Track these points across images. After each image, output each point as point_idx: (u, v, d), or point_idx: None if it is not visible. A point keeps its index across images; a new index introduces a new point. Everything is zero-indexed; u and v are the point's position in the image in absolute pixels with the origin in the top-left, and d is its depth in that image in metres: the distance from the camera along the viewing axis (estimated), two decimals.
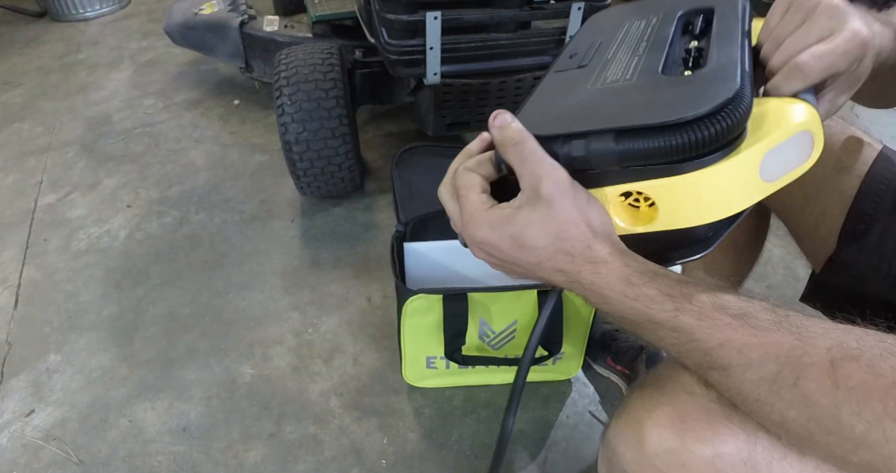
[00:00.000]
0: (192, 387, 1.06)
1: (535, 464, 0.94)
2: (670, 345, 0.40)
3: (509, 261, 0.44)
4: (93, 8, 2.55)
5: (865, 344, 0.34)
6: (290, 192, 1.51)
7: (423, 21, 1.07)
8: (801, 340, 0.36)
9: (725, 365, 0.37)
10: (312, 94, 1.24)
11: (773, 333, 0.36)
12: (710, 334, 0.38)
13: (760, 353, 0.36)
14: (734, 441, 0.40)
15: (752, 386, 0.36)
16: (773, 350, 0.36)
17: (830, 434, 0.34)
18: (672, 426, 0.42)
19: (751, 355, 0.36)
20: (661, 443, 0.42)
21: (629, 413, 0.46)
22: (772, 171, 0.41)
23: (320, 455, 0.96)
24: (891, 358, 0.33)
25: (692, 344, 0.38)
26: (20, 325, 1.19)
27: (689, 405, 0.42)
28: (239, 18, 1.65)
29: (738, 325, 0.37)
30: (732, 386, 0.38)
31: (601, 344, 1.06)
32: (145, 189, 1.55)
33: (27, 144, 1.74)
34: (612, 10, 0.65)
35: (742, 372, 0.37)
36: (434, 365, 1.00)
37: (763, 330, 0.37)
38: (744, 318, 0.37)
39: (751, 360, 0.36)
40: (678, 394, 0.43)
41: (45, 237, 1.41)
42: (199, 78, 2.08)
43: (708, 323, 0.38)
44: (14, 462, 0.96)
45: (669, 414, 0.43)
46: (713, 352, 0.38)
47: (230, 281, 1.27)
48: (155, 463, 0.95)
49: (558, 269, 0.42)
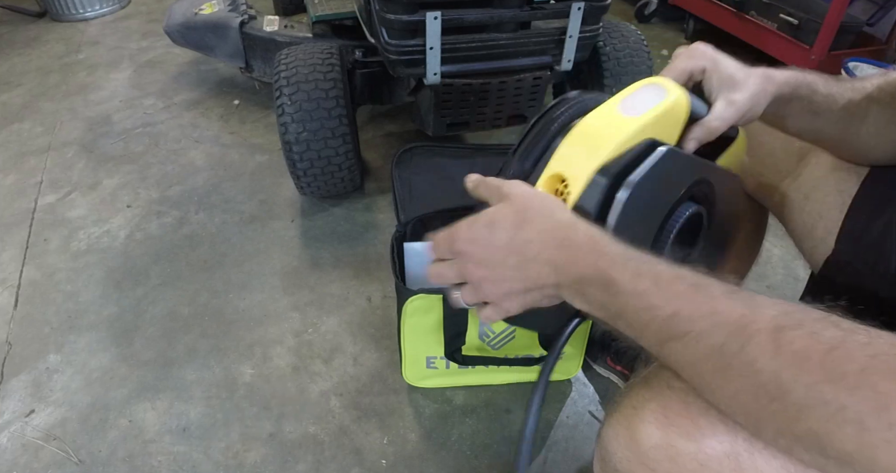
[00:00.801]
0: (191, 387, 1.06)
1: (535, 464, 0.94)
2: (630, 315, 0.41)
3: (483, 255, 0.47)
4: (93, 8, 2.55)
5: (809, 315, 0.36)
6: (290, 192, 1.51)
7: (423, 21, 1.07)
8: (748, 308, 0.37)
9: (681, 334, 0.38)
10: (312, 94, 1.24)
11: (723, 301, 0.38)
12: (665, 301, 0.39)
13: (710, 322, 0.37)
14: (715, 434, 0.40)
15: (704, 357, 0.37)
16: (722, 318, 0.37)
17: (774, 400, 0.35)
18: (657, 421, 0.42)
19: (702, 324, 0.38)
20: (648, 440, 0.42)
21: (620, 412, 0.46)
22: (632, 109, 0.52)
23: (320, 455, 0.96)
24: (832, 327, 0.34)
25: (650, 311, 0.40)
26: (20, 325, 1.19)
27: (670, 399, 0.43)
28: (239, 18, 1.65)
29: (692, 293, 0.39)
30: (688, 358, 0.39)
31: (601, 344, 1.06)
32: (145, 189, 1.55)
33: (27, 144, 1.75)
34: None
35: (695, 342, 0.38)
36: (434, 365, 1.00)
37: (714, 298, 0.38)
38: (697, 287, 0.39)
39: (702, 330, 0.37)
40: (662, 389, 0.44)
41: (45, 237, 1.41)
42: (199, 78, 2.08)
43: (664, 287, 0.40)
44: (14, 462, 0.96)
45: (654, 410, 0.43)
46: (669, 321, 0.39)
47: (230, 282, 1.27)
48: (155, 463, 0.95)
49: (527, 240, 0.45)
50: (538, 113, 0.59)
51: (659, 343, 0.40)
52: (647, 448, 0.42)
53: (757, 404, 0.36)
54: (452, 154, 1.08)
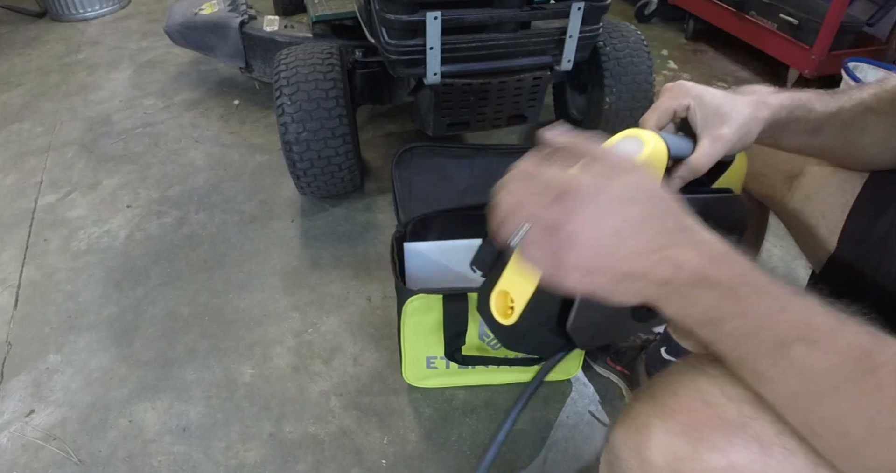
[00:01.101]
0: (191, 387, 1.06)
1: (535, 464, 0.94)
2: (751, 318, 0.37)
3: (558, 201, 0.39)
4: (93, 8, 2.55)
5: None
6: (290, 192, 1.51)
7: (423, 21, 1.07)
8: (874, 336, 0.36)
9: (813, 340, 0.36)
10: (312, 94, 1.24)
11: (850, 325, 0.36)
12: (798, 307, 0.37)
13: (848, 340, 0.36)
14: (748, 452, 0.40)
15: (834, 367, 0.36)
16: (856, 339, 0.36)
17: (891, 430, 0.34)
18: (685, 434, 0.42)
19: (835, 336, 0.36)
20: (671, 451, 0.42)
21: (636, 419, 0.45)
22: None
23: (320, 455, 0.96)
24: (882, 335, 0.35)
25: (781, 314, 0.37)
26: (20, 325, 1.19)
27: (704, 414, 0.42)
28: (239, 18, 1.65)
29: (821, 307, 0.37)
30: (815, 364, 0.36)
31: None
32: (145, 189, 1.55)
33: (27, 144, 1.75)
34: None
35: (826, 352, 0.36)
36: (434, 365, 1.00)
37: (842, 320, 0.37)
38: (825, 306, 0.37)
39: (836, 342, 0.36)
40: (694, 403, 0.43)
41: (45, 237, 1.41)
42: (199, 78, 2.08)
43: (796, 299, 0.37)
44: (14, 462, 0.96)
45: (684, 423, 0.42)
46: (799, 325, 0.36)
47: (230, 282, 1.27)
48: (155, 463, 0.95)
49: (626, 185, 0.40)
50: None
51: (778, 345, 0.36)
52: (669, 460, 0.42)
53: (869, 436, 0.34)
54: (452, 154, 1.08)
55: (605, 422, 1.00)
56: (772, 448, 0.39)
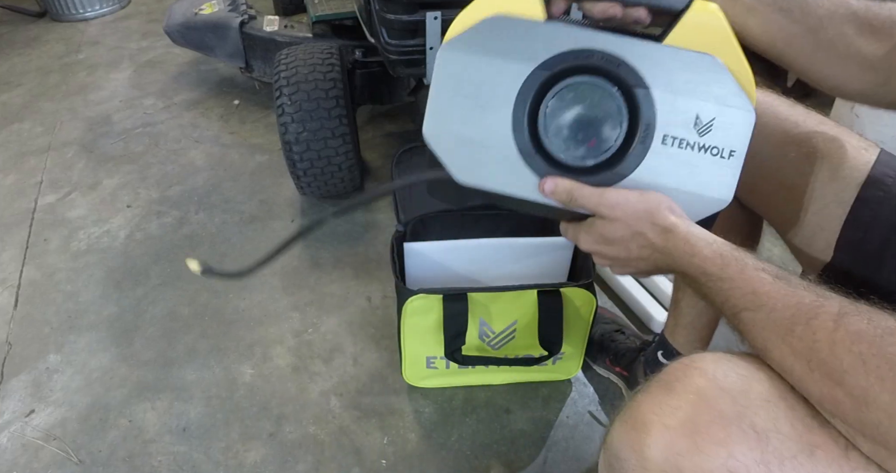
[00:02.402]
0: (191, 387, 1.06)
1: (535, 464, 0.94)
2: (715, 295, 0.49)
3: (610, 255, 0.56)
4: (93, 8, 2.55)
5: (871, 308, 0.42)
6: (290, 192, 1.51)
7: (423, 21, 1.07)
8: (820, 297, 0.43)
9: (755, 307, 0.45)
10: (312, 94, 1.23)
11: (800, 289, 0.44)
12: (748, 283, 0.47)
13: (785, 301, 0.44)
14: (746, 442, 0.41)
15: (773, 323, 0.44)
16: (795, 299, 0.44)
17: (821, 364, 0.41)
18: (684, 429, 0.42)
19: (777, 300, 0.44)
20: (671, 447, 0.42)
21: (634, 417, 0.46)
22: None
23: (320, 455, 0.96)
24: (890, 319, 0.40)
25: (733, 290, 0.47)
26: (20, 325, 1.19)
27: (701, 408, 0.43)
28: (239, 18, 1.65)
29: (772, 281, 0.46)
30: (756, 324, 0.45)
31: (600, 345, 1.06)
32: (145, 189, 1.55)
33: (27, 144, 1.75)
34: None
35: (768, 312, 0.45)
36: (434, 365, 1.00)
37: (794, 286, 0.45)
38: (777, 278, 0.46)
39: (776, 303, 0.44)
40: (689, 397, 0.44)
41: (45, 237, 1.41)
42: (199, 78, 2.08)
43: (748, 275, 0.47)
44: (14, 462, 0.96)
45: (682, 418, 0.43)
46: (748, 296, 0.46)
47: (230, 282, 1.27)
48: (155, 463, 0.95)
49: (642, 247, 0.53)
50: None
51: (735, 311, 0.47)
52: (668, 455, 0.42)
53: (809, 371, 0.41)
54: None
55: (604, 422, 1.00)
56: (768, 435, 0.41)
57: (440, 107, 0.54)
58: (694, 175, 0.53)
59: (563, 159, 0.53)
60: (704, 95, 0.51)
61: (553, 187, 0.53)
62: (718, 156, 0.53)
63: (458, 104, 0.53)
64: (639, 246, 0.53)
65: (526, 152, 0.53)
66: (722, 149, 0.52)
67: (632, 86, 0.51)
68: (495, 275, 1.04)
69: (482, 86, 0.53)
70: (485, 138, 0.53)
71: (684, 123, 0.52)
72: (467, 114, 0.53)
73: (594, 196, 0.52)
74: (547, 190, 0.53)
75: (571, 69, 0.52)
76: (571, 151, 0.53)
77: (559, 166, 0.53)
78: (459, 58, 0.53)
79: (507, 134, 0.53)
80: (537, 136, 0.53)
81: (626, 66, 0.51)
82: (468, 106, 0.53)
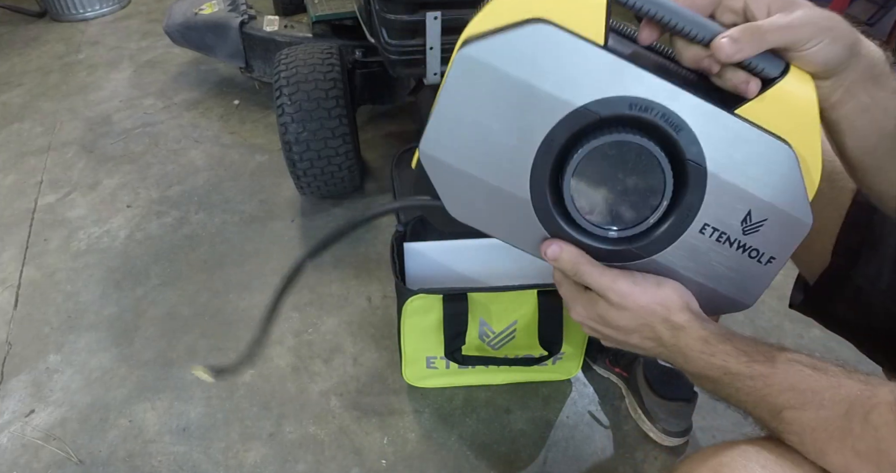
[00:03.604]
0: (192, 387, 1.06)
1: (535, 464, 0.94)
2: (745, 395, 0.44)
3: (604, 334, 0.51)
4: (93, 8, 2.55)
5: None
6: (290, 192, 1.51)
7: (423, 21, 1.07)
8: (867, 384, 0.40)
9: (800, 405, 0.41)
10: (312, 94, 1.23)
11: (843, 378, 0.41)
12: (784, 378, 0.42)
13: (832, 393, 0.40)
14: None
15: (825, 422, 0.40)
16: (844, 391, 0.40)
17: (894, 466, 0.37)
18: None
19: (824, 395, 0.40)
20: None
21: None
22: None
23: (320, 455, 0.96)
24: None
25: (767, 388, 0.42)
26: (20, 325, 1.19)
27: None
28: (239, 18, 1.64)
29: (810, 371, 0.42)
30: (806, 423, 0.41)
31: (600, 345, 1.05)
32: (145, 189, 1.55)
33: (27, 144, 1.74)
34: None
35: (816, 410, 0.40)
36: (434, 365, 1.00)
37: (834, 375, 0.41)
38: (814, 367, 0.42)
39: (823, 399, 0.40)
40: None
41: (45, 237, 1.41)
42: (199, 78, 2.08)
43: (782, 369, 0.42)
44: (14, 462, 0.96)
45: None
46: (787, 393, 0.41)
47: (230, 282, 1.27)
48: (155, 463, 0.95)
49: (645, 338, 0.49)
50: None
51: (773, 413, 0.43)
52: None
53: (878, 465, 0.38)
54: None
55: (604, 423, 1.00)
56: None
57: (446, 122, 0.44)
58: (723, 274, 0.46)
59: (583, 223, 0.45)
60: (766, 192, 0.43)
61: (557, 254, 0.46)
62: (756, 259, 0.45)
63: (470, 125, 0.43)
64: (642, 337, 0.48)
65: (539, 203, 0.45)
66: (762, 253, 0.45)
67: (686, 160, 0.42)
68: (495, 276, 1.05)
69: (506, 111, 0.42)
70: (494, 175, 0.44)
71: (732, 217, 0.43)
72: (479, 140, 0.43)
73: (604, 279, 0.46)
74: (550, 255, 0.46)
75: (622, 120, 0.41)
76: (595, 216, 0.45)
77: (574, 226, 0.45)
78: (483, 67, 0.41)
79: (524, 176, 0.44)
80: (559, 188, 0.44)
81: (688, 133, 0.41)
82: (482, 131, 0.43)
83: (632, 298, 0.46)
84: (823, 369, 0.42)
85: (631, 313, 0.47)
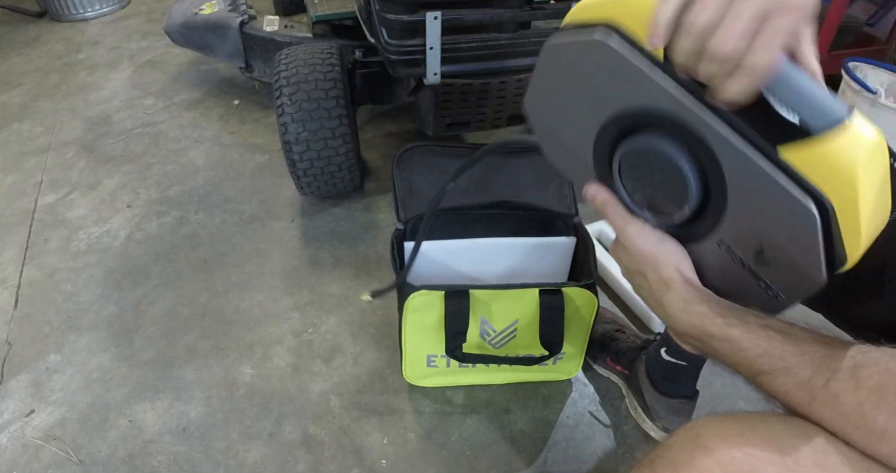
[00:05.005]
0: (192, 387, 1.06)
1: (535, 464, 0.94)
2: (724, 355, 0.47)
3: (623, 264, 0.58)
4: (93, 8, 2.55)
5: (884, 354, 0.40)
6: (290, 192, 1.51)
7: (423, 21, 1.07)
8: (830, 348, 0.42)
9: (769, 370, 0.44)
10: (312, 94, 1.23)
11: (809, 345, 0.43)
12: (755, 344, 0.45)
13: (798, 359, 0.43)
14: None
15: (793, 387, 0.43)
16: (808, 357, 0.42)
17: (857, 428, 0.39)
18: None
19: (790, 361, 0.43)
20: None
21: None
22: None
23: (320, 455, 0.96)
24: None
25: (741, 352, 0.46)
26: (20, 325, 1.19)
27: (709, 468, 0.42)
28: (239, 18, 1.65)
29: (780, 338, 0.44)
30: (778, 388, 0.44)
31: (601, 344, 1.06)
32: (145, 189, 1.55)
33: (27, 144, 1.75)
34: None
35: (783, 375, 0.43)
36: (434, 364, 1.00)
37: (801, 341, 0.43)
38: (783, 332, 0.44)
39: (790, 366, 0.43)
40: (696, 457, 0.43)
41: (45, 237, 1.41)
42: (199, 78, 2.08)
43: (754, 335, 0.45)
44: (14, 462, 0.96)
45: None
46: (759, 359, 0.44)
47: (230, 282, 1.27)
48: (155, 463, 0.95)
49: (640, 284, 0.55)
50: None
51: (751, 376, 0.46)
52: None
53: (841, 428, 0.40)
54: (452, 154, 1.08)
55: (605, 422, 1.00)
56: None
57: (542, 85, 0.56)
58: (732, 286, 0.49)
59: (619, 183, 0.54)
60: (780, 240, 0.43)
61: (593, 194, 0.57)
62: (765, 289, 0.47)
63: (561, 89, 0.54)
64: (639, 282, 0.56)
65: (599, 157, 0.54)
66: (771, 287, 0.46)
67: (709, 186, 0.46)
68: (496, 275, 1.05)
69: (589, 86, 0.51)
70: (570, 132, 0.56)
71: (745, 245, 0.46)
72: (565, 101, 0.54)
73: (620, 220, 0.55)
74: (588, 194, 0.57)
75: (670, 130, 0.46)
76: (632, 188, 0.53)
77: (612, 181, 0.55)
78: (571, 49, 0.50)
79: (590, 136, 0.54)
80: (612, 155, 0.53)
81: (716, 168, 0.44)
82: (568, 96, 0.54)
83: (632, 242, 0.54)
84: (792, 334, 0.44)
85: (629, 255, 0.55)
